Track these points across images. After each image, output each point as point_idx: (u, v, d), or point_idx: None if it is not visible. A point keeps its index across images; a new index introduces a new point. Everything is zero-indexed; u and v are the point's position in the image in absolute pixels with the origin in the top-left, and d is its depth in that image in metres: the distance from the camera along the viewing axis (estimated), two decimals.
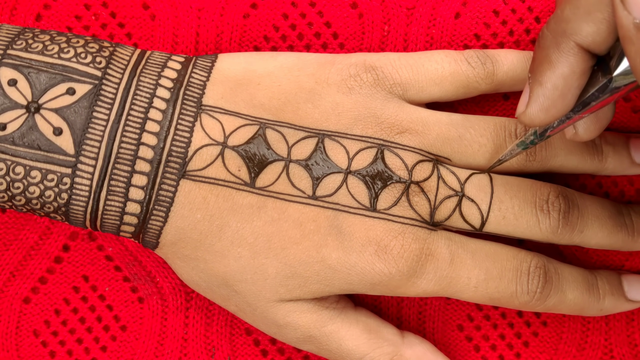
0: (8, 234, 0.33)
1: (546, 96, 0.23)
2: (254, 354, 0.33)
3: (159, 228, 0.28)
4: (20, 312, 0.33)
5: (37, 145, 0.27)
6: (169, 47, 0.32)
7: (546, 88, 0.23)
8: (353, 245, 0.28)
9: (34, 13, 0.32)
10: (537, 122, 0.24)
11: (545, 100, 0.23)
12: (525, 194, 0.29)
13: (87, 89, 0.27)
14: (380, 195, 0.28)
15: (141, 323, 0.33)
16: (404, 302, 0.33)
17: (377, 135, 0.28)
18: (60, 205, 0.27)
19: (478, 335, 0.33)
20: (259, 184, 0.28)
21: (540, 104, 0.23)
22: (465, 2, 0.32)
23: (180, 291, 0.33)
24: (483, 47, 0.32)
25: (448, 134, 0.29)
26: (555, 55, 0.23)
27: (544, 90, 0.23)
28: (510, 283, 0.29)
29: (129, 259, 0.33)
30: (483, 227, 0.29)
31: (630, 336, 0.33)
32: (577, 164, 0.30)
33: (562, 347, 0.33)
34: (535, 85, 0.23)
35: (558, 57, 0.22)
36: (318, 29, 0.32)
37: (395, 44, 0.32)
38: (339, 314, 0.29)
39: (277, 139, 0.28)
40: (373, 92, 0.29)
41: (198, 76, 0.29)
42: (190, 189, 0.28)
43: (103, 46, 0.28)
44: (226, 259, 0.28)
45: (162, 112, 0.28)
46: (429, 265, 0.28)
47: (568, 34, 0.22)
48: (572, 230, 0.29)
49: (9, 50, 0.27)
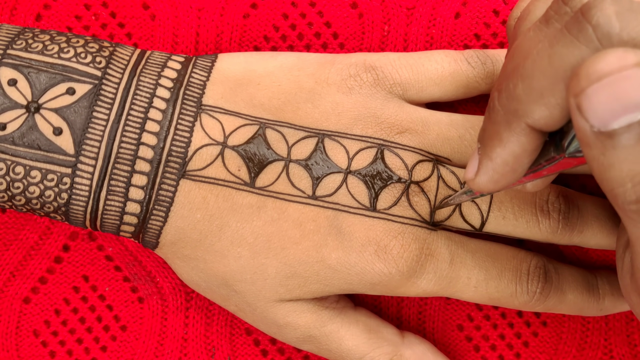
0: (8, 234, 0.32)
1: (496, 170, 0.23)
2: (254, 354, 0.33)
3: (158, 228, 0.28)
4: (20, 312, 0.33)
5: (37, 145, 0.27)
6: (169, 47, 0.32)
7: (496, 163, 0.22)
8: (353, 245, 0.28)
9: (34, 13, 0.32)
10: (486, 191, 0.24)
11: (494, 174, 0.23)
12: (525, 194, 0.29)
13: (87, 89, 0.27)
14: (380, 195, 0.28)
15: (141, 323, 0.33)
16: (404, 302, 0.33)
17: (377, 135, 0.28)
18: (60, 205, 0.27)
19: (478, 335, 0.33)
20: (259, 183, 0.28)
21: (489, 176, 0.23)
22: (465, 2, 0.32)
23: (180, 291, 0.33)
24: (483, 47, 0.32)
25: (448, 134, 0.29)
26: (506, 133, 0.22)
27: (494, 165, 0.22)
28: (510, 283, 0.29)
29: (129, 259, 0.33)
30: (483, 227, 0.29)
31: (630, 336, 0.33)
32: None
33: (562, 347, 0.33)
34: (484, 158, 0.23)
35: (509, 136, 0.22)
36: (318, 29, 0.32)
37: (395, 44, 0.32)
38: (338, 314, 0.29)
39: (277, 139, 0.28)
40: (373, 92, 0.29)
41: (198, 76, 0.29)
42: (190, 188, 0.28)
43: (103, 46, 0.28)
44: (226, 258, 0.28)
45: (162, 112, 0.28)
46: (428, 265, 0.28)
47: (519, 115, 0.21)
48: (572, 231, 0.29)
49: (9, 50, 0.27)
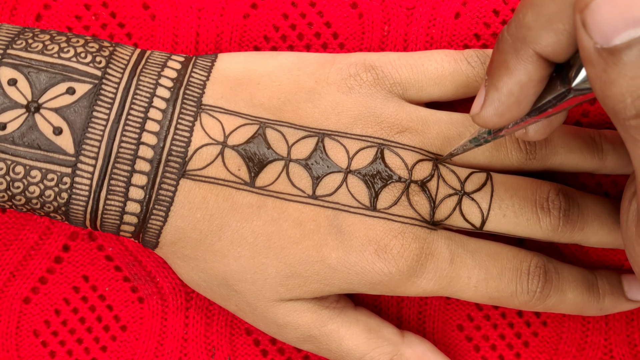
0: (8, 234, 0.32)
1: (501, 101, 0.23)
2: (254, 354, 0.33)
3: (158, 228, 0.28)
4: (20, 312, 0.33)
5: (37, 144, 0.27)
6: (169, 47, 0.32)
7: (502, 93, 0.22)
8: (353, 245, 0.28)
9: (34, 13, 0.32)
10: (490, 125, 0.24)
11: (500, 105, 0.23)
12: (525, 192, 0.29)
13: (87, 89, 0.27)
14: (380, 194, 0.28)
15: (141, 323, 0.33)
16: (404, 302, 0.33)
17: (377, 135, 0.28)
18: (60, 204, 0.27)
19: (478, 335, 0.33)
20: (259, 183, 0.28)
21: (495, 108, 0.23)
22: (465, 2, 0.32)
23: (180, 291, 0.33)
24: (483, 47, 0.32)
25: (448, 133, 0.29)
26: (513, 61, 0.22)
27: (500, 95, 0.23)
28: (510, 282, 0.29)
29: (129, 259, 0.33)
30: (483, 225, 0.29)
31: (630, 336, 0.33)
32: (577, 162, 0.30)
33: (562, 347, 0.33)
34: (491, 88, 0.23)
35: (516, 64, 0.22)
36: (318, 29, 0.32)
37: (395, 44, 0.32)
38: (338, 314, 0.29)
39: (277, 139, 0.28)
40: (373, 92, 0.29)
41: (198, 76, 0.29)
42: (190, 188, 0.28)
43: (103, 46, 0.28)
44: (226, 258, 0.28)
45: (162, 112, 0.28)
46: (429, 264, 0.28)
47: (528, 42, 0.21)
48: (572, 229, 0.29)
49: (9, 49, 0.27)
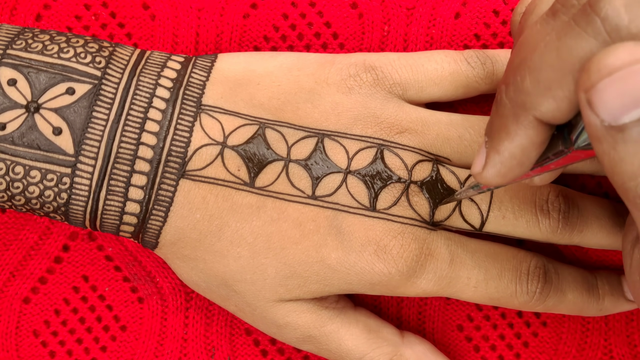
0: (8, 234, 0.32)
1: (503, 164, 0.22)
2: (254, 354, 0.33)
3: (158, 228, 0.28)
4: (20, 312, 0.33)
5: (36, 145, 0.27)
6: (169, 47, 0.32)
7: (504, 156, 0.22)
8: (352, 245, 0.28)
9: (34, 13, 0.32)
10: (493, 185, 0.24)
11: (502, 167, 0.23)
12: (524, 194, 0.29)
13: (87, 89, 0.27)
14: (380, 195, 0.28)
15: (141, 323, 0.33)
16: (404, 302, 0.33)
17: (377, 135, 0.28)
18: (60, 205, 0.27)
19: (478, 335, 0.33)
20: (259, 183, 0.28)
21: (497, 170, 0.23)
22: (465, 2, 0.32)
23: (180, 291, 0.33)
24: (483, 47, 0.32)
25: (448, 134, 0.29)
26: (514, 126, 0.22)
27: (502, 158, 0.22)
28: (510, 283, 0.29)
29: (129, 259, 0.33)
30: (483, 226, 0.29)
31: (630, 336, 0.33)
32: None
33: (561, 348, 0.33)
34: (492, 151, 0.23)
35: (516, 129, 0.22)
36: (318, 29, 0.32)
37: (395, 44, 0.32)
38: (338, 314, 0.29)
39: (276, 139, 0.28)
40: (373, 92, 0.29)
41: (198, 76, 0.29)
42: (190, 188, 0.28)
43: (103, 46, 0.28)
44: (225, 258, 0.28)
45: (162, 112, 0.28)
46: (428, 265, 0.28)
47: (527, 108, 0.21)
48: (572, 230, 0.29)
49: (9, 50, 0.27)
